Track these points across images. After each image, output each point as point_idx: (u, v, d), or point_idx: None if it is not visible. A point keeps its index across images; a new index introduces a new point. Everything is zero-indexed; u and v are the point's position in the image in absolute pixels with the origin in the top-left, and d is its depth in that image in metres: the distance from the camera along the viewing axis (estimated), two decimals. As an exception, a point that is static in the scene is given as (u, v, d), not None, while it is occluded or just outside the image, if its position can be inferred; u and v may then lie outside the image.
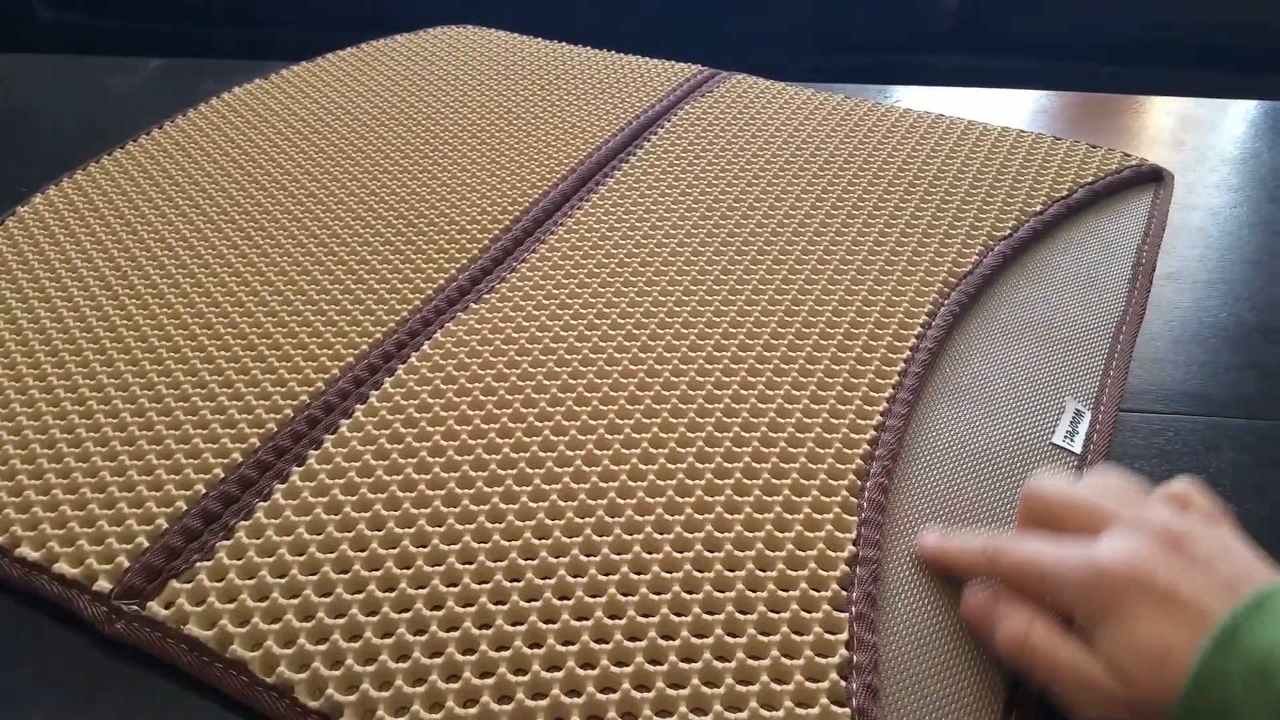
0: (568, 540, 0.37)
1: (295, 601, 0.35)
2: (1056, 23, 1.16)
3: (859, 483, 0.40)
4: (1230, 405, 0.47)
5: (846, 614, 0.35)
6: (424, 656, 0.33)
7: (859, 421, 0.42)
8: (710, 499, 0.39)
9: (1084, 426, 0.44)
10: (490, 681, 0.32)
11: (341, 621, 0.34)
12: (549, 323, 0.48)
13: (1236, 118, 0.73)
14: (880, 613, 0.35)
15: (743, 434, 0.42)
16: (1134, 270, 0.53)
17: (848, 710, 0.32)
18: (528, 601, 0.35)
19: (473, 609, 0.34)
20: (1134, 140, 0.69)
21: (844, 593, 0.35)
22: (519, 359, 0.45)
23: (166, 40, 1.34)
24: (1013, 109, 0.74)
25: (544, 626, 0.34)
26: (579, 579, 0.35)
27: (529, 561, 0.36)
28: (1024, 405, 0.45)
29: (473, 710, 0.32)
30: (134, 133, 0.66)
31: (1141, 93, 0.75)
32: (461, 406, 0.43)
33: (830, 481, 0.40)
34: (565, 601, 0.35)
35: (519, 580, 0.35)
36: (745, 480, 0.40)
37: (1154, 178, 0.61)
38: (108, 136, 0.65)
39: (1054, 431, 0.44)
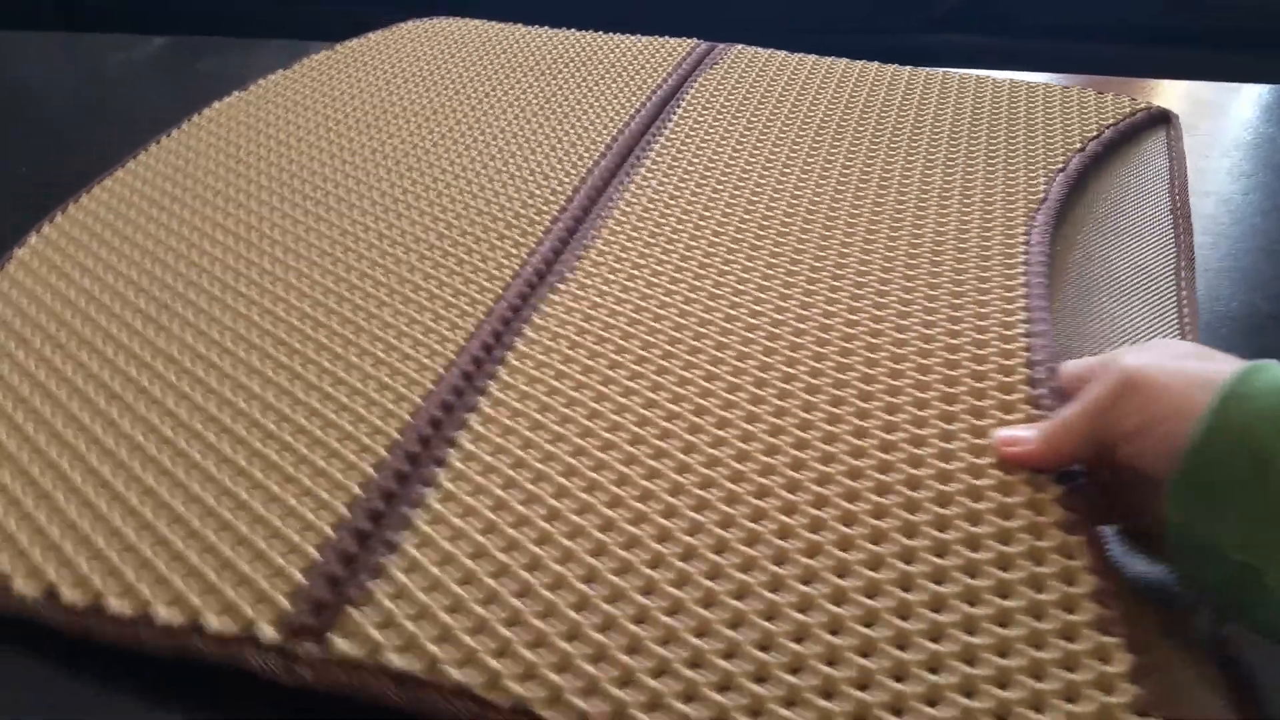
0: (788, 519, 0.35)
1: (492, 608, 0.32)
2: (1065, 2, 1.15)
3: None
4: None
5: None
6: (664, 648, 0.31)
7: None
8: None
9: None
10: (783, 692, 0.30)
11: (551, 622, 0.32)
12: (648, 291, 0.47)
13: (1249, 102, 0.72)
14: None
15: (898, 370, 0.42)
16: (1173, 215, 0.55)
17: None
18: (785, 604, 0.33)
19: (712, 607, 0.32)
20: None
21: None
22: (631, 330, 0.44)
23: (167, 18, 1.23)
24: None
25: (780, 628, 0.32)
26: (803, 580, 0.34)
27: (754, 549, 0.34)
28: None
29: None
30: (134, 110, 0.66)
31: (1152, 73, 0.74)
32: (593, 381, 0.41)
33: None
34: (785, 596, 0.33)
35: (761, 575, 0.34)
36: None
37: (1162, 119, 0.64)
38: (108, 114, 0.65)
39: None
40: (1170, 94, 0.73)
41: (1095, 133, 0.61)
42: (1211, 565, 0.31)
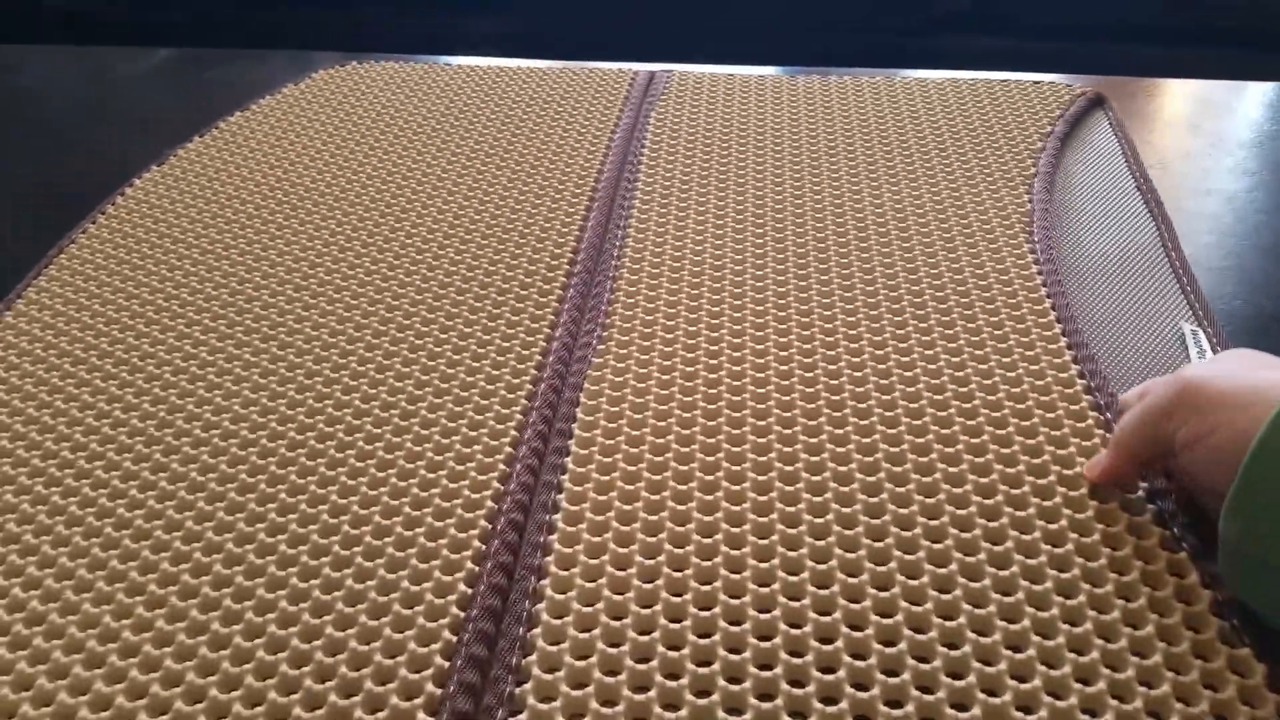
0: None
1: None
2: (1066, 2, 1.13)
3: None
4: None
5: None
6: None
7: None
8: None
9: (1204, 342, 0.46)
10: None
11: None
12: (689, 355, 0.46)
13: (1254, 100, 0.71)
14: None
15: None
16: (1142, 195, 0.58)
17: None
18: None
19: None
20: (1149, 124, 0.68)
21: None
22: (687, 400, 0.43)
23: (167, 26, 1.14)
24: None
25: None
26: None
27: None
28: (1148, 336, 0.47)
29: None
30: (140, 120, 0.68)
31: (1153, 73, 0.74)
32: (666, 460, 0.40)
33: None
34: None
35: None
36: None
37: (1098, 102, 0.67)
38: (114, 125, 0.67)
39: (1188, 354, 0.46)
40: (1175, 93, 0.73)
41: (1048, 128, 0.63)
42: (1266, 583, 0.31)
